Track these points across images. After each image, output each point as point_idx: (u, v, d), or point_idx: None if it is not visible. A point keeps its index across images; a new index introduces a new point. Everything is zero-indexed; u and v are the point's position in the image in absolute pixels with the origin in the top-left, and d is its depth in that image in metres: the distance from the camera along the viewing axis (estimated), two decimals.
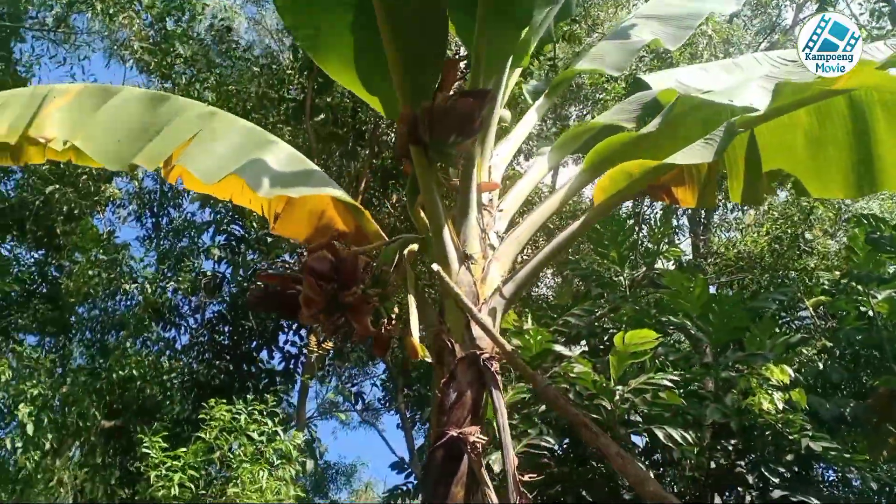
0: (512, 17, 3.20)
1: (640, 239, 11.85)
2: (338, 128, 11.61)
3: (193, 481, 7.92)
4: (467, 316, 2.83)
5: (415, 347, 2.72)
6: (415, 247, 3.18)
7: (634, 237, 10.10)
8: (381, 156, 11.76)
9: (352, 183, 11.86)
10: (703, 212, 14.15)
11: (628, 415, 7.49)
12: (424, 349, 2.83)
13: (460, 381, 2.71)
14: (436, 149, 2.97)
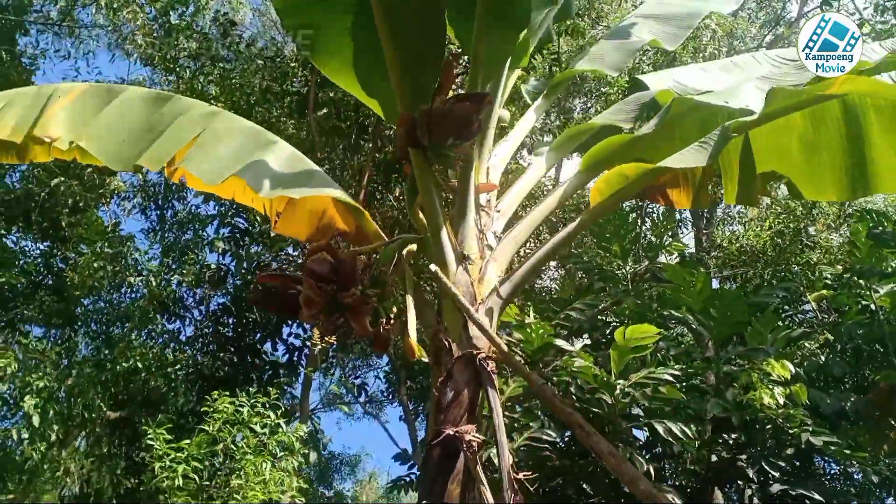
0: (510, 20, 3.22)
1: (642, 232, 11.87)
2: (341, 121, 11.61)
3: (197, 473, 7.98)
4: (464, 316, 2.87)
5: (412, 347, 2.76)
6: (414, 247, 3.22)
7: (637, 231, 10.12)
8: (383, 150, 11.74)
9: (354, 176, 11.86)
10: None
11: (629, 409, 7.54)
12: (421, 349, 2.87)
13: (457, 381, 2.76)
14: (434, 151, 3.01)
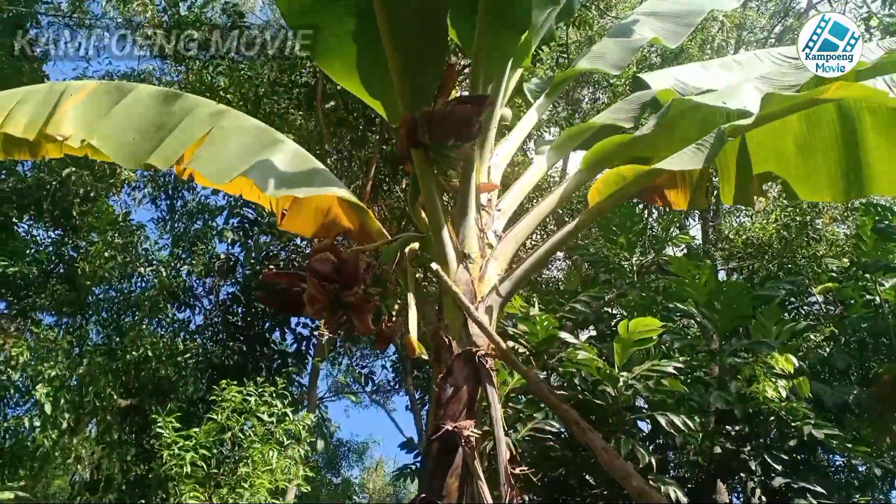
0: (511, 22, 3.27)
1: (649, 223, 11.90)
2: (348, 113, 11.67)
3: (205, 460, 8.09)
4: (464, 314, 2.94)
5: (412, 345, 2.84)
6: (416, 245, 3.28)
7: (643, 223, 10.15)
8: (390, 142, 11.79)
9: (362, 168, 11.93)
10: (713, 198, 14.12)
11: (633, 401, 7.61)
12: (422, 346, 2.95)
13: (456, 377, 2.83)
14: (435, 152, 3.07)
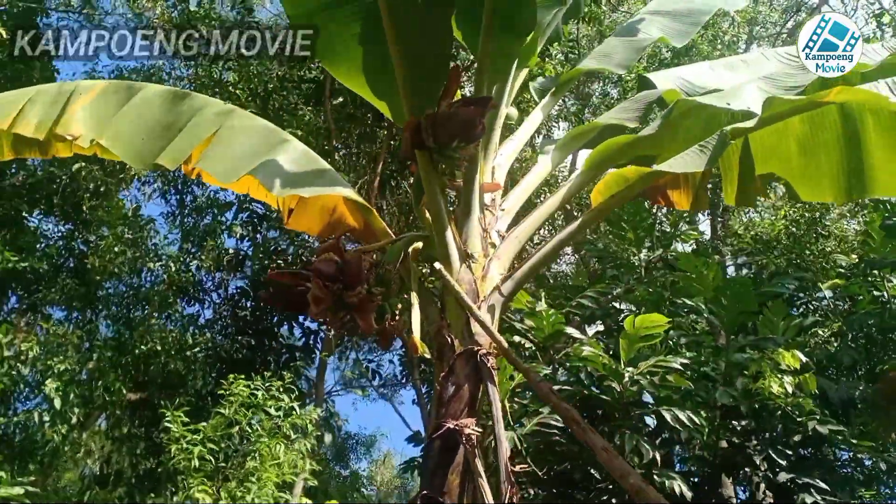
0: (515, 25, 3.29)
1: (658, 218, 11.89)
2: (356, 109, 11.70)
3: (213, 454, 8.16)
4: (467, 313, 2.98)
5: (415, 344, 2.87)
6: (419, 245, 3.32)
7: (652, 219, 10.16)
8: (398, 137, 11.82)
9: (370, 163, 11.97)
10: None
11: (640, 396, 7.63)
12: (424, 346, 2.98)
13: (458, 376, 2.86)
14: (439, 153, 3.10)
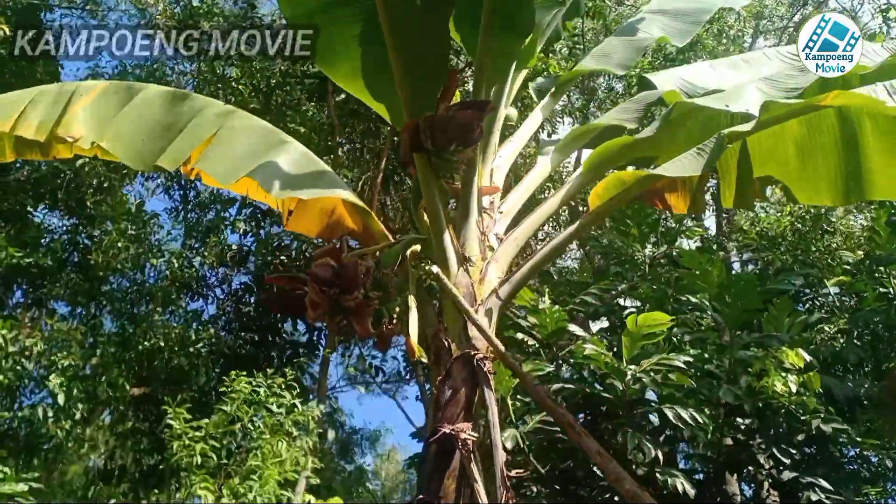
0: (514, 27, 3.29)
1: (662, 214, 11.86)
2: (359, 105, 11.66)
3: (215, 451, 8.18)
4: (464, 316, 2.98)
5: (412, 348, 2.88)
6: (418, 247, 3.32)
7: (656, 215, 10.13)
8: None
9: (373, 160, 11.95)
10: None
11: (643, 393, 7.63)
12: (421, 350, 2.99)
13: (455, 380, 2.87)
14: (437, 156, 3.10)
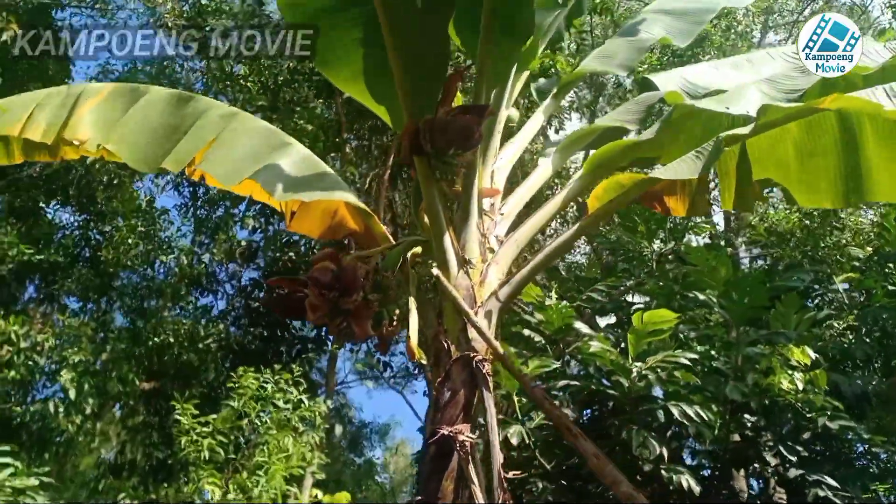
0: (514, 31, 3.30)
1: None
2: None
3: (223, 447, 8.25)
4: (464, 318, 3.00)
5: (412, 350, 2.91)
6: (419, 249, 3.34)
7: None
8: None
9: (381, 156, 11.99)
10: None
11: (650, 390, 7.64)
12: (421, 352, 3.02)
13: (454, 382, 2.89)
14: (437, 159, 3.13)
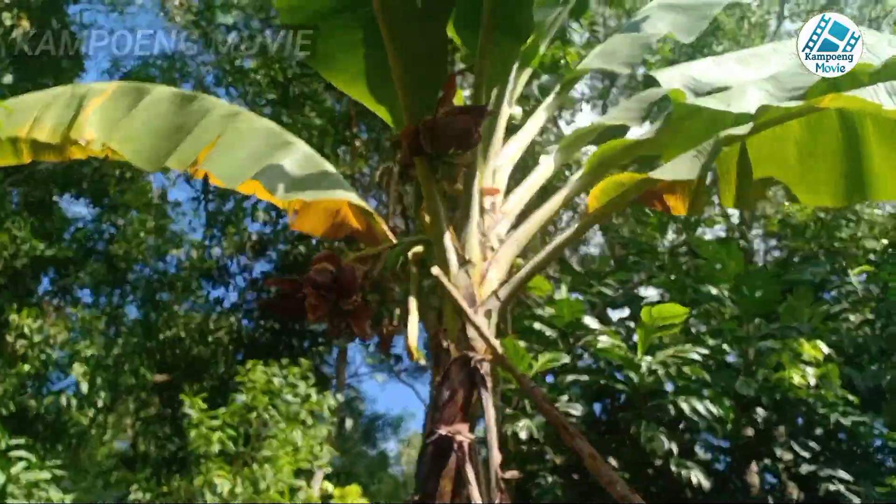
0: (515, 30, 3.31)
1: None
2: None
3: (232, 440, 8.33)
4: (463, 318, 3.02)
5: (412, 350, 2.94)
6: (420, 249, 3.37)
7: None
8: None
9: (391, 150, 11.99)
10: None
11: (661, 385, 7.65)
12: (421, 352, 3.04)
13: (453, 381, 2.91)
14: (437, 159, 3.15)
